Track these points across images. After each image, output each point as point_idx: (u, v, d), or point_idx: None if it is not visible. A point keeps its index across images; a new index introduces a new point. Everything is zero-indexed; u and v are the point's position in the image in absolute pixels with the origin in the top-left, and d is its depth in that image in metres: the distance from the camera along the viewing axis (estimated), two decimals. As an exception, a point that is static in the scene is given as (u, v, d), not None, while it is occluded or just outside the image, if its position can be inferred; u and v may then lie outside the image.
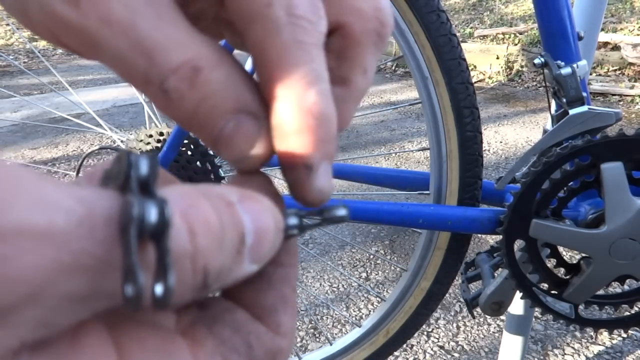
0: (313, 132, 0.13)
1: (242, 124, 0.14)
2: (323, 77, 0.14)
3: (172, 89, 0.13)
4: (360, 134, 2.71)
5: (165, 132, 0.78)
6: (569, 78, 0.59)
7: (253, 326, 0.14)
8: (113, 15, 0.12)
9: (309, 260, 1.52)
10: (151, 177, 0.11)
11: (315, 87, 0.13)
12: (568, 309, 0.63)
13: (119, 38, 0.12)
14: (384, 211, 0.68)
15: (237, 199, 0.12)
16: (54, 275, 0.09)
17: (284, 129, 0.13)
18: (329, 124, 0.14)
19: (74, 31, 0.12)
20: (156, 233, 0.10)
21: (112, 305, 0.10)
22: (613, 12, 4.14)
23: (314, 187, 0.14)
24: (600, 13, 0.71)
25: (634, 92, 2.99)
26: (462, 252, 0.76)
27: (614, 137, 0.52)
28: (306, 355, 0.91)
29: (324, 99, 0.13)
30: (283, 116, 0.13)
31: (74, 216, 0.09)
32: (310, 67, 0.13)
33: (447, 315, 1.27)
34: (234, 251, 0.11)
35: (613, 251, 0.55)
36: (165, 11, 0.13)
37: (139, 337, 0.12)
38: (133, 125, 2.96)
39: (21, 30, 4.29)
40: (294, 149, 0.13)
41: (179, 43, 0.13)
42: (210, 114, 0.13)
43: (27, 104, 3.27)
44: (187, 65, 0.13)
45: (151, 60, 0.12)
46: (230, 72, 0.13)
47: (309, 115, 0.13)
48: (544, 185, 0.56)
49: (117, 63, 0.13)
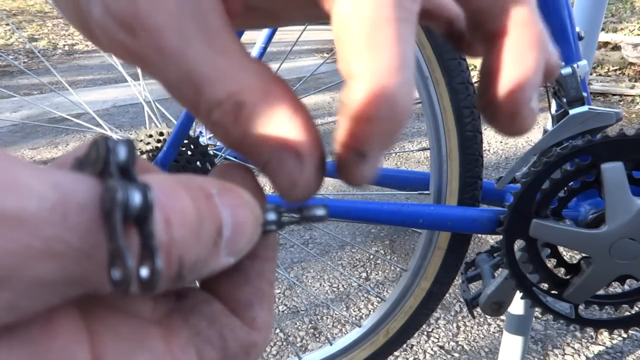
0: (378, 123, 0.12)
1: (284, 162, 0.13)
2: (409, 63, 0.12)
3: (218, 122, 0.13)
4: (360, 134, 2.71)
5: (165, 132, 0.78)
6: (569, 78, 0.59)
7: (228, 319, 0.14)
8: (165, 45, 0.12)
9: (309, 260, 1.52)
10: (130, 163, 0.11)
11: (400, 74, 0.12)
12: (568, 309, 0.63)
13: (170, 67, 0.13)
14: (384, 211, 0.68)
15: (216, 191, 0.12)
16: (24, 260, 0.09)
17: (353, 112, 0.13)
18: (401, 118, 0.12)
19: (132, 55, 0.13)
20: (140, 217, 0.10)
21: (84, 292, 0.10)
22: (613, 12, 4.14)
23: (360, 173, 0.14)
24: (601, 13, 0.71)
25: (635, 92, 2.99)
26: (462, 252, 0.76)
27: (614, 137, 0.52)
28: (306, 355, 0.91)
29: (405, 89, 0.12)
30: (356, 98, 0.12)
31: (46, 202, 0.09)
32: (398, 50, 0.12)
33: (447, 315, 1.27)
34: (210, 243, 0.11)
35: (613, 251, 0.55)
36: (217, 37, 0.13)
37: (113, 324, 0.12)
38: (133, 125, 2.96)
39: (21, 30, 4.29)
40: (355, 133, 0.13)
41: (226, 74, 0.13)
42: (254, 148, 0.13)
43: (27, 104, 3.27)
44: (231, 99, 0.13)
45: (198, 92, 0.13)
46: (275, 105, 0.13)
47: (382, 105, 0.12)
48: (544, 185, 0.56)
49: (168, 87, 0.13)
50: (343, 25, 0.12)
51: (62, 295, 0.10)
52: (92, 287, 0.10)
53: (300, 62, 4.72)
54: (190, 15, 0.13)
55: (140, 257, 0.10)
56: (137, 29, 0.12)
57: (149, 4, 0.12)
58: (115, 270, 0.10)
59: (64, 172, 0.10)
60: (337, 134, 0.13)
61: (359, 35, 0.12)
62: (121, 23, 0.12)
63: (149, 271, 0.10)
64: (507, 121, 0.15)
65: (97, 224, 0.10)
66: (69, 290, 0.10)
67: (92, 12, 0.13)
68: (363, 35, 0.12)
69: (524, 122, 0.15)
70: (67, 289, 0.10)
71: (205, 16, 0.13)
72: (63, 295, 0.10)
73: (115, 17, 0.12)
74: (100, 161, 0.10)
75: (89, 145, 0.11)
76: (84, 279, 0.10)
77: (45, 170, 0.10)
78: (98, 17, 0.13)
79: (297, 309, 1.31)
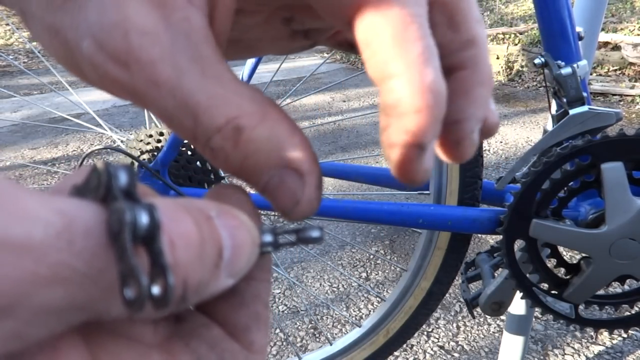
0: (430, 111, 0.13)
1: (285, 180, 0.14)
2: (435, 52, 0.13)
3: (217, 148, 0.13)
4: (360, 134, 2.71)
5: (165, 132, 0.78)
6: (569, 78, 0.59)
7: (228, 344, 0.14)
8: (160, 77, 0.12)
9: (309, 260, 1.52)
10: (133, 186, 0.11)
11: (432, 64, 0.13)
12: (568, 309, 0.63)
13: (166, 98, 0.13)
14: (384, 211, 0.68)
15: (215, 214, 0.12)
16: (30, 288, 0.09)
17: (401, 108, 0.13)
18: (443, 103, 0.13)
19: (126, 90, 0.13)
20: (147, 237, 0.10)
21: (88, 318, 0.10)
22: (613, 12, 4.14)
23: (422, 167, 0.14)
24: (601, 13, 0.71)
25: (635, 92, 2.99)
26: (462, 252, 0.76)
27: (614, 137, 0.52)
28: (306, 355, 0.91)
29: (439, 76, 0.13)
30: (401, 94, 0.13)
31: (52, 228, 0.09)
32: (425, 43, 0.13)
33: (447, 315, 1.27)
34: (212, 265, 0.11)
35: (613, 251, 0.55)
36: (210, 66, 0.13)
37: (116, 351, 0.12)
38: (133, 125, 2.96)
39: (21, 30, 4.29)
40: (409, 127, 0.13)
41: (222, 101, 0.13)
42: (255, 170, 0.14)
43: (27, 104, 3.27)
44: (230, 124, 0.13)
45: (196, 120, 0.13)
46: (273, 127, 0.13)
47: (428, 94, 0.13)
48: (544, 185, 0.56)
49: (165, 119, 0.13)
50: (371, 30, 0.13)
51: (67, 322, 0.10)
52: (97, 313, 0.10)
53: (300, 62, 4.72)
54: (183, 46, 0.13)
55: (150, 275, 0.10)
56: (130, 63, 0.12)
57: (142, 38, 0.12)
58: (128, 289, 0.10)
59: (68, 198, 0.10)
60: (387, 137, 0.14)
61: (389, 36, 0.13)
62: (114, 58, 0.12)
63: (161, 289, 0.10)
64: (451, 149, 0.16)
65: (102, 249, 0.10)
66: (74, 317, 0.10)
67: (81, 47, 0.13)
68: (392, 36, 0.13)
69: (466, 151, 0.16)
70: (72, 315, 0.10)
71: (197, 47, 0.13)
72: (68, 322, 0.10)
73: (107, 52, 0.12)
74: (103, 187, 0.11)
75: (88, 172, 0.11)
76: (89, 305, 0.10)
77: (50, 196, 0.10)
78: (88, 52, 0.13)
79: (297, 309, 1.31)
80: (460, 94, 0.15)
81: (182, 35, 0.13)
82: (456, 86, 0.15)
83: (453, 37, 0.15)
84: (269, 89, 3.74)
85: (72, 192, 0.11)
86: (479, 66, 0.16)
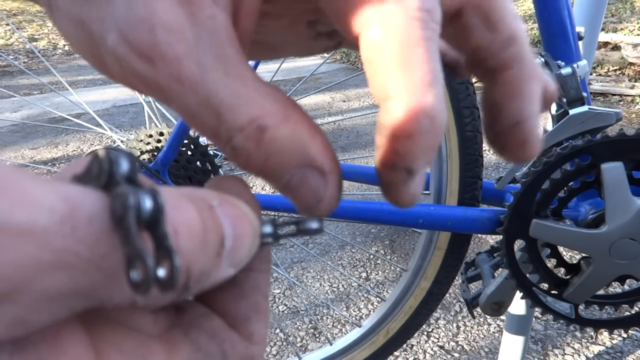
0: (423, 137, 0.13)
1: (307, 178, 0.14)
2: (440, 78, 0.13)
3: (240, 147, 0.13)
4: (360, 134, 2.71)
5: (165, 132, 0.78)
6: (569, 78, 0.59)
7: (228, 334, 0.14)
8: (184, 74, 0.13)
9: (309, 260, 1.52)
10: (134, 173, 0.11)
11: (434, 89, 0.13)
12: (568, 309, 0.63)
13: (189, 95, 0.13)
14: (384, 211, 0.68)
15: (217, 203, 0.12)
16: (34, 273, 0.09)
17: (395, 131, 0.13)
18: (439, 130, 0.13)
19: (149, 85, 0.13)
20: (151, 220, 0.10)
21: (90, 305, 0.10)
22: (613, 12, 4.14)
23: (409, 191, 0.14)
24: (601, 13, 0.71)
25: (634, 92, 2.99)
26: (462, 252, 0.76)
27: (614, 137, 0.52)
28: (306, 355, 0.91)
29: (440, 103, 0.13)
30: (396, 117, 0.13)
31: (56, 214, 0.09)
32: (429, 67, 0.13)
33: (447, 315, 1.27)
34: (214, 253, 0.12)
35: (613, 251, 0.55)
36: (233, 65, 0.13)
37: (116, 340, 0.12)
38: (133, 125, 2.96)
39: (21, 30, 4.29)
40: (400, 150, 0.13)
41: (246, 100, 0.13)
42: (277, 169, 0.14)
43: (27, 104, 3.27)
44: (253, 124, 0.13)
45: (219, 118, 0.13)
46: (295, 127, 0.14)
47: (424, 120, 0.13)
48: (544, 185, 0.56)
49: (187, 116, 0.13)
50: (374, 48, 0.13)
51: (70, 308, 0.10)
52: (99, 300, 0.10)
53: (300, 62, 4.72)
54: (208, 44, 0.13)
55: (156, 258, 0.10)
56: (155, 58, 0.12)
57: (168, 34, 0.12)
58: (134, 272, 0.10)
59: (71, 185, 0.10)
60: (379, 157, 0.14)
61: (392, 56, 0.13)
62: (139, 53, 0.12)
63: (167, 271, 0.10)
64: (518, 149, 0.16)
65: (106, 235, 0.10)
66: (77, 303, 0.10)
67: (106, 40, 0.13)
68: (396, 56, 0.13)
69: (533, 149, 0.16)
70: (75, 301, 0.10)
71: (222, 45, 0.13)
72: (71, 308, 0.10)
73: (133, 46, 0.12)
74: (105, 174, 0.11)
75: (88, 160, 0.11)
76: (92, 291, 0.10)
77: (54, 183, 0.10)
78: (113, 46, 0.13)
79: (297, 309, 1.31)
80: (515, 94, 0.15)
81: (207, 33, 0.13)
82: (508, 88, 0.15)
83: (493, 37, 0.15)
84: (269, 89, 3.72)
85: (73, 181, 0.11)
86: (524, 62, 0.15)
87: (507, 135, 0.16)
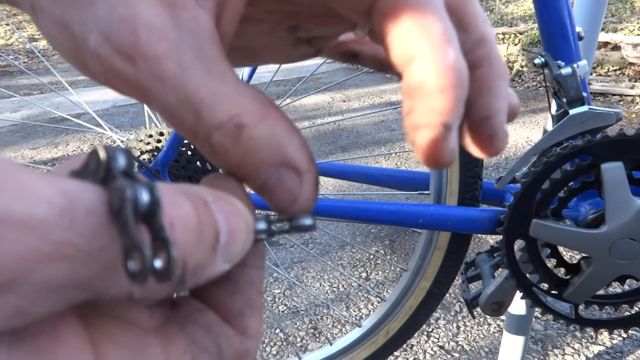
0: (454, 90, 0.13)
1: (284, 178, 0.14)
2: (454, 33, 0.14)
3: (218, 144, 0.14)
4: (360, 134, 2.71)
5: (165, 132, 0.78)
6: (569, 78, 0.59)
7: (223, 328, 0.14)
8: (165, 73, 0.13)
9: (309, 260, 1.52)
10: (131, 168, 0.11)
11: (453, 44, 0.13)
12: (568, 309, 0.63)
13: (169, 93, 0.13)
14: (384, 211, 0.68)
15: (212, 199, 0.12)
16: (33, 264, 0.09)
17: (426, 88, 0.13)
18: (465, 82, 0.13)
19: (130, 84, 0.13)
20: (148, 213, 0.10)
21: (88, 297, 0.11)
22: (613, 12, 4.14)
23: (449, 147, 0.14)
24: (601, 13, 0.71)
25: (634, 92, 2.99)
26: (462, 252, 0.76)
27: (614, 137, 0.52)
28: (306, 355, 0.91)
29: (460, 56, 0.13)
30: (425, 74, 0.13)
31: (55, 207, 0.09)
32: (445, 25, 0.13)
33: (447, 315, 1.27)
34: (209, 248, 0.12)
35: (613, 251, 0.55)
36: (213, 64, 0.13)
37: (113, 333, 0.12)
38: (133, 125, 2.96)
39: (21, 30, 4.29)
40: (434, 106, 0.13)
41: (225, 98, 0.13)
42: (254, 167, 0.14)
43: (27, 104, 3.28)
44: (232, 122, 0.13)
45: (198, 116, 0.13)
46: (273, 126, 0.14)
47: (452, 73, 0.13)
48: (544, 185, 0.56)
49: (167, 114, 0.14)
50: (391, 16, 0.14)
51: (68, 299, 0.10)
52: (97, 292, 0.11)
53: (300, 62, 4.71)
54: (189, 45, 0.13)
55: (153, 250, 0.11)
56: (136, 57, 0.13)
57: (150, 34, 0.13)
58: (131, 262, 0.10)
59: (70, 179, 0.11)
60: (412, 120, 0.14)
61: (409, 20, 0.13)
62: (120, 52, 0.13)
63: (163, 262, 0.10)
64: (486, 143, 0.16)
65: (104, 227, 0.10)
66: (75, 295, 0.10)
67: (88, 41, 0.13)
68: (412, 20, 0.13)
69: (501, 143, 0.16)
70: (73, 293, 0.10)
71: (203, 46, 0.13)
72: (69, 299, 0.10)
73: (115, 46, 0.13)
74: (102, 169, 0.11)
75: (86, 156, 0.12)
76: (90, 282, 0.10)
77: (52, 177, 0.10)
78: (95, 46, 0.13)
79: (297, 309, 1.31)
80: (484, 91, 0.16)
81: (189, 34, 0.13)
82: (478, 84, 0.16)
83: (465, 38, 0.16)
84: (269, 89, 3.74)
85: (71, 176, 0.12)
86: (493, 61, 0.16)
87: (475, 130, 0.16)
